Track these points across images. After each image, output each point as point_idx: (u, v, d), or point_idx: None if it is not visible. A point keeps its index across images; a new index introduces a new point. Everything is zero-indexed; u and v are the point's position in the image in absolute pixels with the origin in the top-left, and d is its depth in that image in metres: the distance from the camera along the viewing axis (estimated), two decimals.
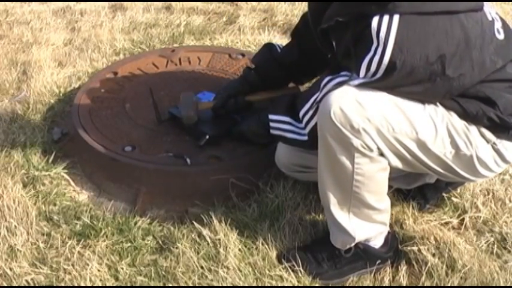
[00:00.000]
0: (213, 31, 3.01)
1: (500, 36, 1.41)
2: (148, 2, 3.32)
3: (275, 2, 3.26)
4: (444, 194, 1.82)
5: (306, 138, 1.54)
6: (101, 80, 2.29)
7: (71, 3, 3.36)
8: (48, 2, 3.39)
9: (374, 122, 1.34)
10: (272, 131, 1.62)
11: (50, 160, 2.01)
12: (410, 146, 1.39)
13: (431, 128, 1.40)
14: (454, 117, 1.42)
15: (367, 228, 1.54)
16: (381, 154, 1.39)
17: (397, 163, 1.43)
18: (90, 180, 1.99)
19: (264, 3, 3.28)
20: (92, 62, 2.69)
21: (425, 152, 1.41)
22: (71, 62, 2.71)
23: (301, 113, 1.52)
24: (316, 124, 1.45)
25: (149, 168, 1.83)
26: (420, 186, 1.79)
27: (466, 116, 1.42)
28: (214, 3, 3.30)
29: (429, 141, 1.40)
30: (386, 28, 1.26)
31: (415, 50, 1.28)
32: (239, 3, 3.31)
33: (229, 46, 2.78)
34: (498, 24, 1.43)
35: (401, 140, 1.38)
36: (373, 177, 1.43)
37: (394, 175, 1.54)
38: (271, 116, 1.62)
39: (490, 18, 1.41)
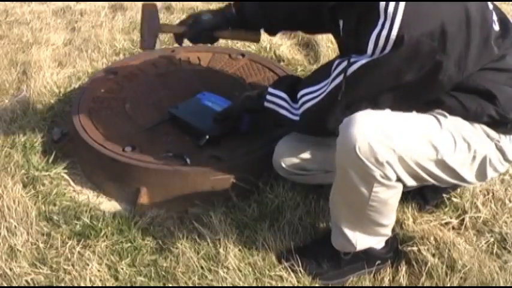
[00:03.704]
0: None
1: (496, 27, 1.43)
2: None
3: None
4: (444, 195, 1.82)
5: (297, 118, 1.54)
6: (100, 80, 2.28)
7: (71, 3, 3.35)
8: (48, 2, 3.39)
9: (398, 152, 1.35)
10: (266, 104, 1.62)
11: (50, 160, 2.02)
12: (429, 166, 1.41)
13: (450, 142, 1.41)
14: (464, 125, 1.44)
15: (370, 240, 1.56)
16: (398, 180, 1.40)
17: (413, 183, 1.44)
18: (90, 180, 1.99)
19: None
20: (91, 62, 2.69)
21: (443, 168, 1.43)
22: (71, 62, 2.70)
23: (301, 92, 1.52)
24: (310, 107, 1.48)
25: (149, 168, 1.83)
26: (420, 188, 1.78)
27: (466, 114, 1.43)
28: (214, 3, 3.29)
29: (448, 157, 1.41)
30: (395, 4, 1.30)
31: (421, 25, 1.30)
32: None
33: (229, 46, 2.78)
34: (495, 17, 1.45)
35: (421, 163, 1.39)
36: (388, 202, 1.44)
37: None
38: (270, 89, 1.63)
39: (491, 8, 1.44)
